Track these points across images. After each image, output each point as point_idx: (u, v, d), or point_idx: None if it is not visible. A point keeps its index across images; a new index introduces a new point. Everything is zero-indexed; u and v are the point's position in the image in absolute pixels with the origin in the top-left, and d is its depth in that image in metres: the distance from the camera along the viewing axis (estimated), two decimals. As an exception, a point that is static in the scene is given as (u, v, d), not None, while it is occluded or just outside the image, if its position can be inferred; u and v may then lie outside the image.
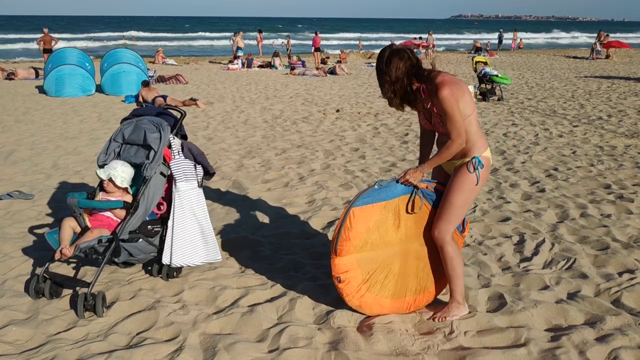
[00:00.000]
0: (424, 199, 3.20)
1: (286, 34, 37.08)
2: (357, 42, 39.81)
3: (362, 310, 3.24)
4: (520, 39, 43.01)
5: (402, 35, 64.50)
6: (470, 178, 3.08)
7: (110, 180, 3.63)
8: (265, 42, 36.28)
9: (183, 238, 3.68)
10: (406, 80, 2.97)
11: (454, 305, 3.27)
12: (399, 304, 3.29)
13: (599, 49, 30.10)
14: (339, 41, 50.44)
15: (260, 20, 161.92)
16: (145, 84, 12.93)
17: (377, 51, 32.76)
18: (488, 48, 34.12)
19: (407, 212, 3.18)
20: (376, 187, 3.14)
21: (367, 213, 3.09)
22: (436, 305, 3.43)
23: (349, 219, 3.06)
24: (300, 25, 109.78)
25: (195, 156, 3.80)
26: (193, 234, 3.72)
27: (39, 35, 21.49)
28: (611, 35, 31.47)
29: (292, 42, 33.35)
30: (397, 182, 3.16)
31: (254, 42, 34.46)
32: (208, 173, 3.90)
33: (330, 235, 4.64)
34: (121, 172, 3.64)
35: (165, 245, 3.68)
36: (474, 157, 3.07)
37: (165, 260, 3.67)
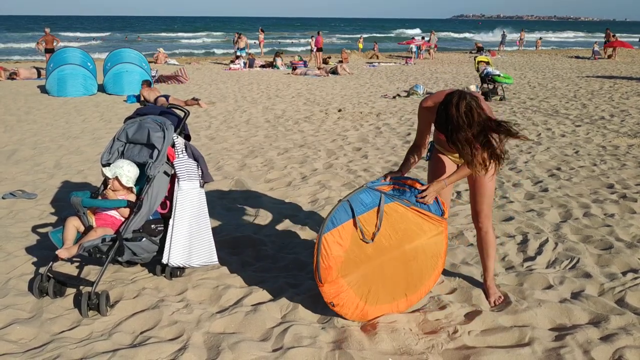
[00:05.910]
0: (394, 201, 3.17)
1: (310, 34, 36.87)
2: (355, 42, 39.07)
3: (364, 320, 3.21)
4: (540, 38, 43.36)
5: (402, 34, 64.52)
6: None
7: (117, 178, 3.63)
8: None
9: (181, 238, 3.65)
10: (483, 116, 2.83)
11: (493, 286, 3.54)
12: (399, 305, 3.28)
13: (597, 49, 30.03)
14: (339, 41, 50.36)
15: (262, 20, 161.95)
16: (147, 83, 12.93)
17: (378, 51, 32.77)
18: (499, 49, 34.23)
19: (376, 227, 3.11)
20: (345, 201, 3.08)
21: (340, 235, 3.02)
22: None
23: (323, 247, 2.97)
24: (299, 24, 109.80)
25: (198, 159, 3.79)
26: (191, 234, 3.69)
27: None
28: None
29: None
30: (416, 197, 3.21)
31: (254, 42, 34.31)
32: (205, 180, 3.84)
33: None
34: (127, 172, 3.64)
35: (165, 244, 3.66)
36: None
37: (163, 259, 3.65)
